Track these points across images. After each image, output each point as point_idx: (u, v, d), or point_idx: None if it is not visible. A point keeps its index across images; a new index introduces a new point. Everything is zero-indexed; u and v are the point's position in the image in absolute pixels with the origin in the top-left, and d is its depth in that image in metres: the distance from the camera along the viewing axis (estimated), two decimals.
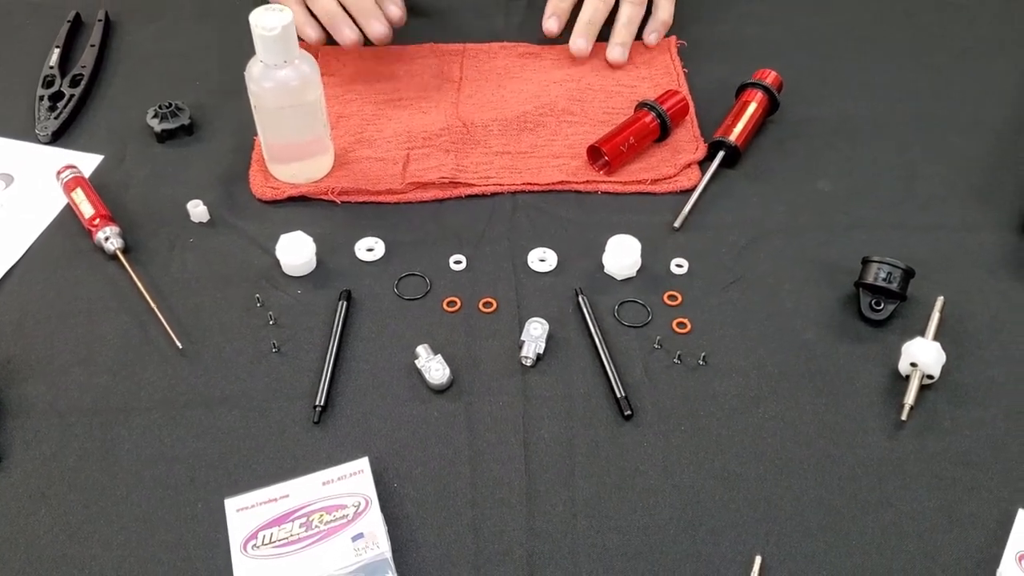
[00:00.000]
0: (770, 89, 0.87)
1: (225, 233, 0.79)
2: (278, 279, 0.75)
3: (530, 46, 0.98)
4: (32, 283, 0.75)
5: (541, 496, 0.61)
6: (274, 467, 0.63)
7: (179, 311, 0.73)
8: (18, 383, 0.68)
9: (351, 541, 0.58)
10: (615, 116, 0.89)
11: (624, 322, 0.72)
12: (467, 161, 0.84)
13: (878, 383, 0.68)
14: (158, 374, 0.69)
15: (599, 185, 0.82)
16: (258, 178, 0.83)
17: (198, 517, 0.61)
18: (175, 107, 0.87)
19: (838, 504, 0.61)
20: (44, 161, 0.85)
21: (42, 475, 0.63)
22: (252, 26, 0.73)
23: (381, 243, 0.78)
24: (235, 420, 0.66)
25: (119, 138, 0.88)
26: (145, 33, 1.01)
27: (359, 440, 0.65)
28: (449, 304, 0.73)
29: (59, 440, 0.65)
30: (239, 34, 0.94)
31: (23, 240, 0.78)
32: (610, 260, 0.75)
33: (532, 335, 0.69)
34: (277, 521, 0.59)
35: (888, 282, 0.71)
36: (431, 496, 0.62)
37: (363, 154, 0.85)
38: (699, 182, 0.82)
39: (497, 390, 0.67)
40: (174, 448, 0.64)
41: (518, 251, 0.77)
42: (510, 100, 0.91)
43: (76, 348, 0.70)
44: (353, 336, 0.71)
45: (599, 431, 0.65)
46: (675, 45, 0.97)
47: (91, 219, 0.77)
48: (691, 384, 0.68)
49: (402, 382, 0.68)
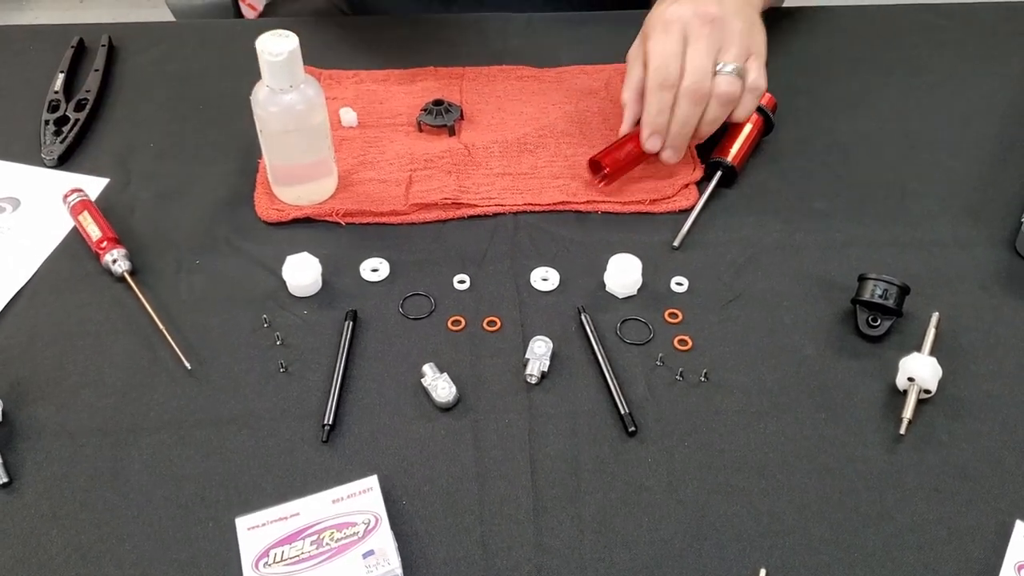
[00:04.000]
0: (765, 110, 0.89)
1: (231, 255, 0.80)
2: (284, 300, 0.76)
3: (529, 69, 0.99)
4: (40, 305, 0.76)
5: (548, 512, 0.62)
6: (284, 486, 0.64)
7: (187, 332, 0.73)
8: (28, 404, 0.69)
9: (362, 558, 0.58)
10: (613, 138, 0.90)
11: (626, 340, 0.73)
12: (469, 182, 0.86)
13: (876, 398, 0.69)
14: (167, 395, 0.69)
15: (599, 205, 0.83)
16: (263, 200, 0.84)
17: (209, 536, 0.61)
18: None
19: (839, 517, 0.63)
20: (50, 185, 0.86)
21: (53, 496, 0.64)
22: (259, 51, 0.74)
23: (386, 263, 0.79)
24: (244, 439, 0.67)
25: (124, 161, 0.89)
26: (148, 57, 1.03)
27: (367, 458, 0.66)
28: (454, 323, 0.74)
29: (69, 461, 0.66)
30: (241, 58, 0.96)
31: (31, 263, 0.79)
32: (611, 279, 0.76)
33: (536, 353, 0.70)
34: (288, 539, 0.60)
35: (884, 299, 0.73)
36: (439, 513, 0.63)
37: (366, 176, 0.87)
38: (697, 202, 0.83)
39: (503, 408, 0.68)
40: (184, 468, 0.65)
41: (520, 270, 0.78)
42: (510, 122, 0.92)
43: (85, 369, 0.71)
44: (359, 355, 0.72)
45: (604, 447, 0.66)
46: None
47: (98, 242, 0.78)
48: (693, 400, 0.69)
49: (409, 400, 0.69)
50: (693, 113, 0.81)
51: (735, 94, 0.81)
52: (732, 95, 0.81)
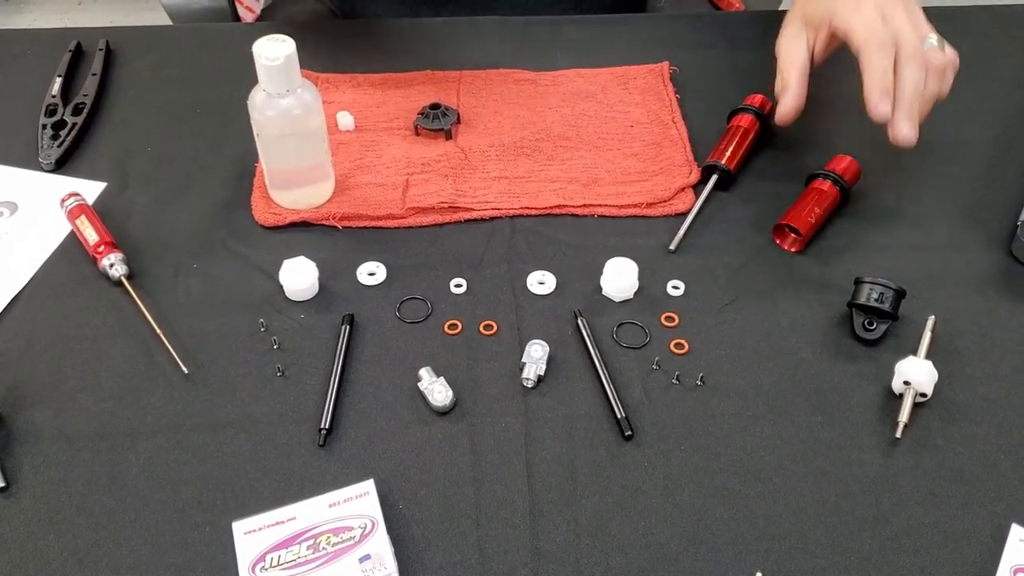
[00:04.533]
0: (761, 113, 0.89)
1: (228, 259, 0.80)
2: (281, 304, 0.76)
3: (525, 72, 0.99)
4: (38, 309, 0.76)
5: (545, 516, 0.62)
6: (280, 490, 0.64)
7: (184, 336, 0.73)
8: (25, 408, 0.69)
9: (358, 563, 0.58)
10: (609, 141, 0.90)
11: (623, 343, 0.73)
12: (465, 186, 0.86)
13: (872, 401, 0.70)
14: (164, 399, 0.69)
15: (595, 209, 0.84)
16: (260, 204, 0.84)
17: (206, 540, 0.62)
18: None
19: (835, 521, 0.63)
20: (47, 189, 0.86)
21: (50, 500, 0.64)
22: (256, 56, 0.74)
23: (382, 267, 0.79)
24: (241, 443, 0.67)
25: (121, 166, 0.89)
26: (145, 62, 1.03)
27: (364, 462, 0.66)
28: (450, 327, 0.75)
29: (67, 465, 0.66)
30: (238, 61, 0.96)
31: (28, 267, 0.79)
32: (608, 282, 0.76)
33: (533, 357, 0.71)
34: (284, 543, 0.60)
35: (880, 302, 0.73)
36: (436, 517, 0.63)
37: (363, 180, 0.87)
38: (693, 205, 0.83)
39: (499, 411, 0.69)
40: (181, 472, 0.65)
41: (517, 274, 0.79)
42: (506, 126, 0.92)
43: (82, 374, 0.71)
44: (356, 359, 0.73)
45: (600, 451, 0.66)
46: (667, 70, 0.99)
47: (96, 246, 0.78)
48: (690, 404, 0.69)
49: (405, 404, 0.69)
50: (920, 78, 0.75)
51: (946, 66, 0.78)
52: (944, 66, 0.77)
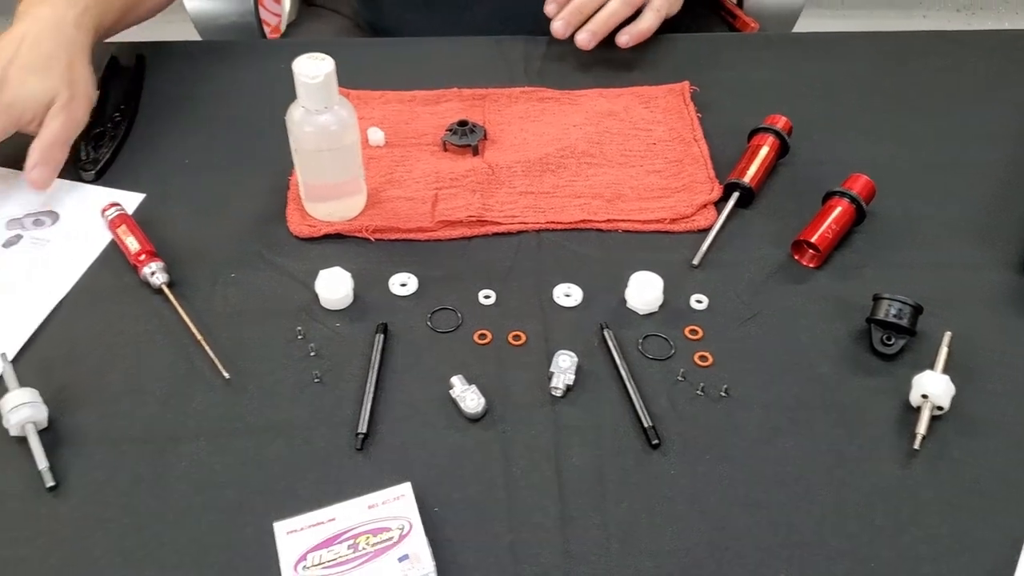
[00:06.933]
0: (781, 134, 0.92)
1: (264, 269, 0.83)
2: (317, 313, 0.79)
3: (549, 91, 1.02)
4: (81, 316, 0.78)
5: (575, 521, 0.65)
6: (319, 492, 0.66)
7: (223, 343, 0.76)
8: (71, 412, 0.71)
9: (397, 562, 0.61)
10: (632, 158, 0.93)
11: (648, 355, 0.75)
12: (492, 200, 0.88)
13: (890, 414, 0.72)
14: (205, 403, 0.72)
15: (620, 224, 0.86)
16: (295, 216, 0.86)
17: (248, 540, 0.64)
18: None
19: (855, 529, 0.65)
20: (87, 199, 0.89)
21: (97, 501, 0.66)
22: (295, 74, 0.77)
23: (414, 278, 0.82)
24: (280, 447, 0.69)
25: (159, 177, 0.92)
26: (178, 75, 1.05)
27: (399, 466, 0.68)
28: (480, 337, 0.77)
29: (112, 467, 0.68)
30: (266, 77, 0.99)
31: (71, 274, 0.81)
32: (633, 295, 0.78)
33: (561, 367, 0.73)
34: (325, 543, 0.62)
35: (899, 318, 0.75)
36: (470, 520, 0.65)
37: (393, 194, 0.89)
38: (715, 221, 0.86)
39: (529, 420, 0.71)
40: (223, 474, 0.68)
41: (544, 286, 0.81)
42: (532, 143, 0.95)
43: (125, 378, 0.74)
44: (390, 367, 0.75)
45: (628, 459, 0.68)
46: (688, 90, 1.01)
47: (137, 254, 0.80)
48: (714, 415, 0.71)
49: (438, 411, 0.72)
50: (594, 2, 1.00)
51: (637, 3, 1.01)
52: (634, 1, 1.01)
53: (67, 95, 0.86)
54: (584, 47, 1.01)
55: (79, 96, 0.88)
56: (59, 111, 0.86)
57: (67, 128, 0.87)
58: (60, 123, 0.86)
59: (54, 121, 0.85)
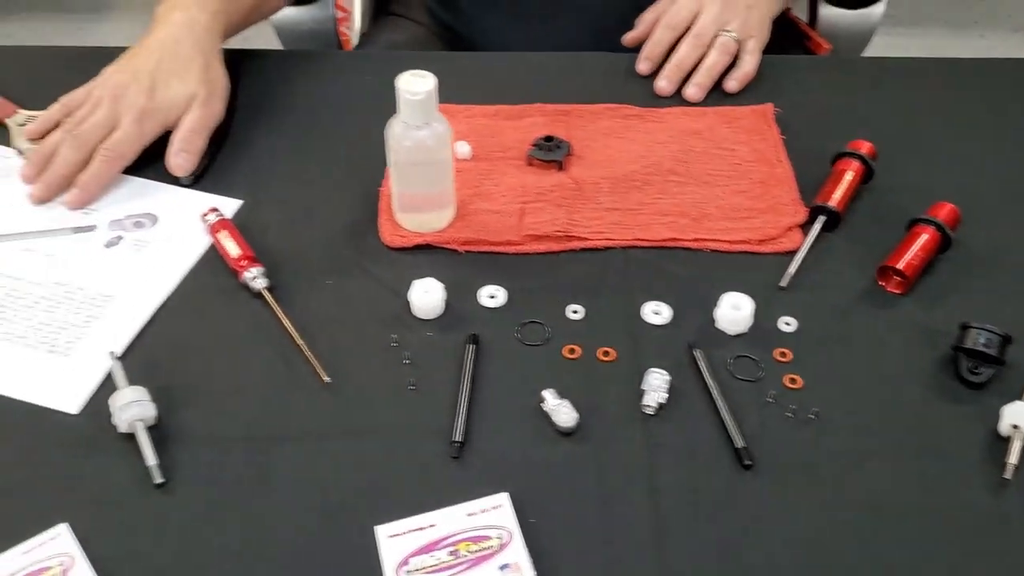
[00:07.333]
0: (866, 159, 0.92)
1: (358, 276, 0.85)
2: (409, 321, 0.81)
3: (633, 108, 1.03)
4: (183, 317, 0.81)
5: (671, 537, 0.66)
6: (416, 497, 0.68)
7: (320, 347, 0.78)
8: (177, 410, 0.73)
9: (499, 570, 0.62)
10: (717, 178, 0.94)
11: (737, 376, 0.76)
12: (579, 216, 0.90)
13: (979, 442, 0.72)
14: (305, 406, 0.74)
15: (707, 243, 0.87)
16: (387, 227, 0.88)
17: (351, 542, 0.66)
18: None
19: (946, 554, 0.66)
20: (186, 203, 0.91)
21: (203, 498, 0.68)
22: (398, 90, 0.79)
23: (503, 291, 0.83)
24: (378, 452, 0.71)
25: (253, 183, 0.94)
26: (264, 83, 1.07)
27: (493, 475, 0.70)
28: (570, 351, 0.78)
29: (217, 466, 0.70)
30: (359, 86, 1.01)
31: (172, 277, 0.84)
32: (723, 316, 0.79)
33: (653, 385, 0.74)
34: (426, 548, 0.64)
35: (987, 347, 0.76)
36: (565, 532, 0.66)
37: (481, 207, 0.91)
38: (801, 244, 0.87)
39: (621, 436, 0.72)
40: (324, 476, 0.70)
41: (632, 303, 0.82)
42: (617, 159, 0.96)
43: (227, 379, 0.76)
44: (481, 377, 0.76)
45: (720, 479, 0.69)
46: (772, 112, 1.02)
47: (238, 259, 0.83)
48: (804, 437, 0.72)
49: (529, 423, 0.73)
50: (689, 53, 1.05)
51: (733, 49, 1.05)
52: (730, 48, 1.05)
53: (204, 93, 0.94)
54: (694, 100, 1.05)
55: (215, 92, 0.96)
56: (198, 106, 0.94)
57: (205, 119, 0.94)
58: (199, 115, 0.93)
59: (193, 113, 0.93)
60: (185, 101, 0.93)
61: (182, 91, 0.93)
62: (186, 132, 0.93)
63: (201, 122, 0.94)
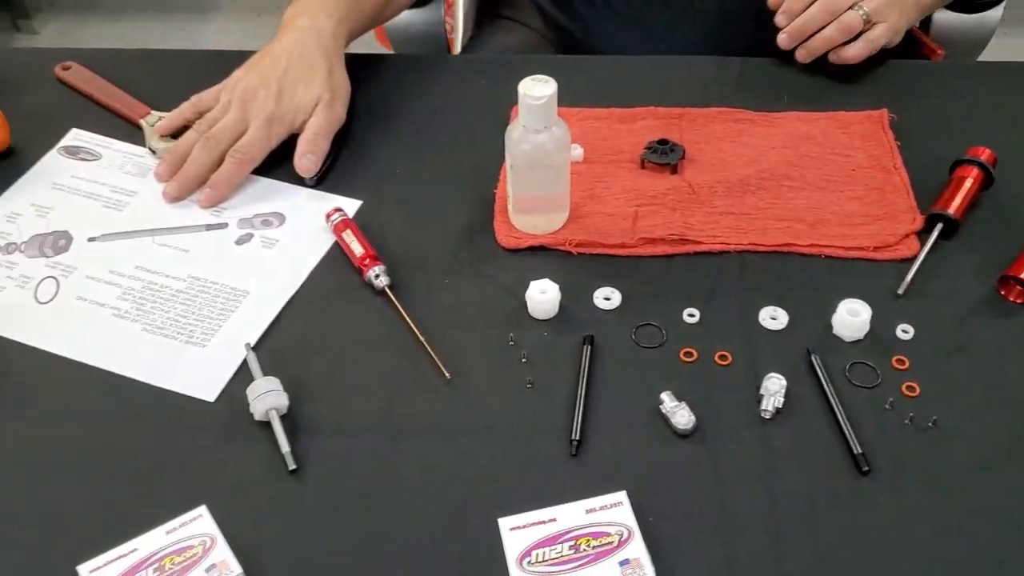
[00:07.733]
0: (986, 166, 0.91)
1: (474, 277, 0.87)
2: (525, 321, 0.83)
3: (745, 112, 1.03)
4: (310, 314, 0.84)
5: (788, 541, 0.66)
6: (536, 493, 0.70)
7: (440, 345, 0.80)
8: (306, 402, 0.77)
9: (619, 566, 0.64)
10: (832, 183, 0.94)
11: (854, 382, 0.76)
12: (693, 219, 0.91)
13: None
14: (428, 402, 0.77)
15: (823, 249, 0.87)
16: (502, 228, 0.91)
17: (474, 535, 0.68)
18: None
19: None
20: (310, 203, 0.95)
21: (333, 489, 0.71)
22: (520, 95, 0.81)
23: (617, 293, 0.85)
24: (498, 447, 0.73)
25: (372, 184, 0.97)
26: (378, 87, 1.10)
27: (611, 474, 0.71)
28: (686, 355, 0.79)
29: (345, 457, 0.73)
30: (471, 90, 1.05)
31: (299, 273, 0.87)
32: (840, 322, 0.79)
33: (770, 390, 0.75)
34: (548, 542, 0.66)
35: None
36: (683, 532, 0.68)
37: (594, 209, 0.92)
38: (919, 251, 0.86)
39: (738, 439, 0.73)
40: (447, 470, 0.72)
41: (748, 308, 0.83)
42: (731, 163, 0.97)
43: (353, 374, 0.79)
44: (597, 378, 0.78)
45: (838, 484, 0.70)
46: (887, 118, 1.01)
47: (361, 258, 0.86)
48: (922, 445, 0.72)
49: (647, 424, 0.75)
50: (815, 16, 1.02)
51: (855, 27, 1.02)
52: (852, 27, 1.02)
53: (328, 97, 0.98)
54: (800, 60, 1.07)
55: (339, 97, 1.00)
56: (322, 110, 0.97)
57: (329, 122, 0.98)
58: (323, 118, 0.97)
59: (318, 116, 0.97)
60: (310, 106, 0.97)
61: (307, 96, 0.97)
62: (311, 135, 0.96)
63: (325, 125, 0.97)
